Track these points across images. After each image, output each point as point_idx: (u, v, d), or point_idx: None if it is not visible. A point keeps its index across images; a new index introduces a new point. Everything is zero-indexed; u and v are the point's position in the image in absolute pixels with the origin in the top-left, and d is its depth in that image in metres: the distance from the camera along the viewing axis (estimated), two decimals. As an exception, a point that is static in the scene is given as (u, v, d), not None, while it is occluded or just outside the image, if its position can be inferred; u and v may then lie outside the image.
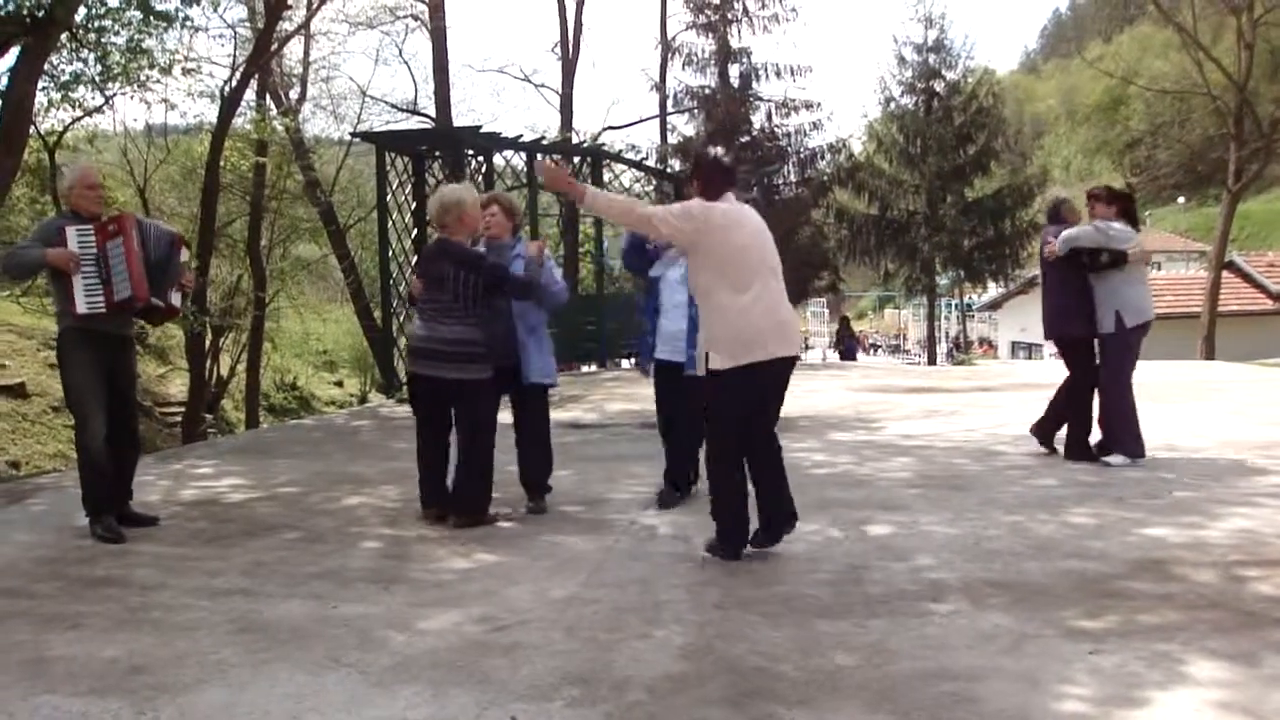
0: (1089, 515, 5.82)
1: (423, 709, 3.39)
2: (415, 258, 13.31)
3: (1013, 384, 13.82)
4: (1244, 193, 27.16)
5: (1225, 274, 27.67)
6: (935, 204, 31.55)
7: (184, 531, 5.98)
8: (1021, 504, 6.18)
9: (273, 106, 22.20)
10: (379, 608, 4.45)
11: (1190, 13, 26.17)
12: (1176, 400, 10.68)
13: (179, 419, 19.83)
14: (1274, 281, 32.70)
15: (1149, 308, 7.48)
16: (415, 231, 13.62)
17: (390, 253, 13.86)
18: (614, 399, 12.35)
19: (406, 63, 49.73)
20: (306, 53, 24.14)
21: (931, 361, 33.00)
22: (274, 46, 19.13)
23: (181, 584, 4.84)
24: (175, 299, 6.14)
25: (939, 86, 32.52)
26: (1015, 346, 39.97)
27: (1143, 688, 3.45)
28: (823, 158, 30.68)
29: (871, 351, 51.52)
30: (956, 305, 48.08)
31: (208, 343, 19.73)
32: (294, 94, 23.89)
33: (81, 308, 5.64)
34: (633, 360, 18.94)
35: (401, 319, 13.41)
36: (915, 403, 11.19)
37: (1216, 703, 3.33)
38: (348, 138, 23.86)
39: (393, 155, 13.81)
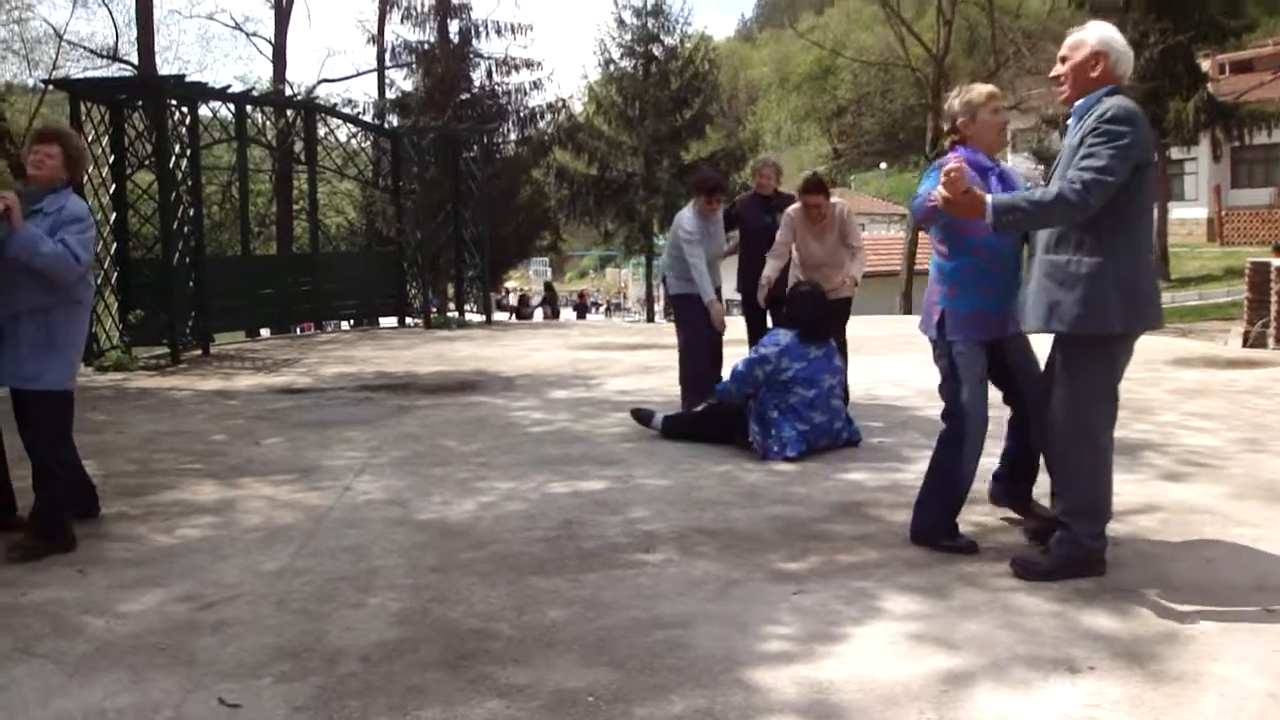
0: (793, 463, 6.11)
1: (123, 696, 3.22)
2: (114, 214, 12.44)
3: (727, 339, 14.24)
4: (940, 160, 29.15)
5: (921, 234, 29.61)
6: (652, 166, 32.23)
7: None
8: (731, 454, 6.41)
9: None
10: (75, 592, 4.16)
11: (896, -11, 27.64)
12: (877, 352, 11.30)
13: None
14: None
15: None
16: (114, 187, 12.67)
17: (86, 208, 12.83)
18: (329, 362, 11.96)
19: (107, 5, 46.35)
20: (-5, -10, 22.19)
21: (650, 319, 33.77)
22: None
23: None
24: None
25: (657, 50, 33.17)
26: (730, 305, 41.28)
27: (841, 624, 3.67)
28: (543, 117, 30.86)
29: (593, 310, 52.31)
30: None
31: None
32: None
33: None
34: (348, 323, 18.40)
35: (98, 280, 12.50)
36: (632, 359, 11.40)
37: (910, 634, 3.57)
38: (41, 85, 22.14)
39: (89, 105, 12.79)
